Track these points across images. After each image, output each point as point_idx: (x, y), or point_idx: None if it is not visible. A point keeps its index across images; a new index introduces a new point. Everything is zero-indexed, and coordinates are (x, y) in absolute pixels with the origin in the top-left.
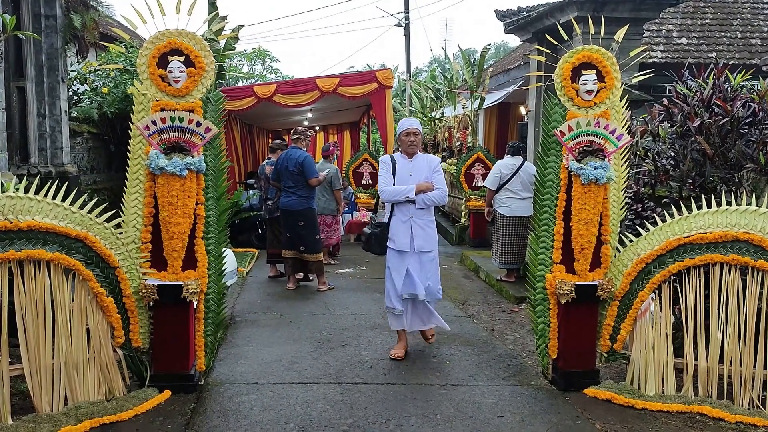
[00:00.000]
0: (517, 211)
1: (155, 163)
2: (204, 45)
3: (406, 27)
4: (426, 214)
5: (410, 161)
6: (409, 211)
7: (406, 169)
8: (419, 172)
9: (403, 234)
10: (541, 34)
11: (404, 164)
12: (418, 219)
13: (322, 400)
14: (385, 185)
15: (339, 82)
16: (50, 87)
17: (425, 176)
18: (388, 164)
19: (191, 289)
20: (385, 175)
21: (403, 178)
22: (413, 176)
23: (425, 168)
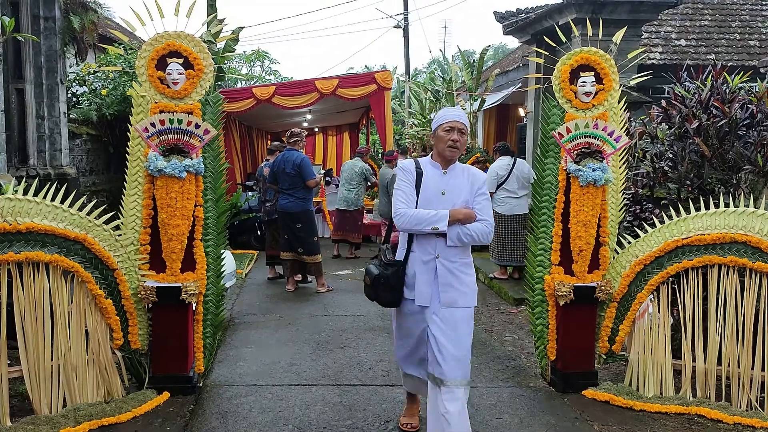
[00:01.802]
0: (514, 209)
1: (154, 165)
2: (203, 47)
3: (405, 29)
4: (461, 254)
5: (444, 172)
6: (435, 247)
7: (438, 184)
8: (456, 191)
9: (424, 280)
10: (539, 35)
11: (435, 176)
12: (449, 260)
13: (320, 402)
14: (404, 205)
15: (338, 83)
16: (49, 89)
17: (464, 199)
18: (410, 173)
19: (190, 290)
20: (405, 190)
21: (431, 196)
22: (447, 196)
23: (465, 186)
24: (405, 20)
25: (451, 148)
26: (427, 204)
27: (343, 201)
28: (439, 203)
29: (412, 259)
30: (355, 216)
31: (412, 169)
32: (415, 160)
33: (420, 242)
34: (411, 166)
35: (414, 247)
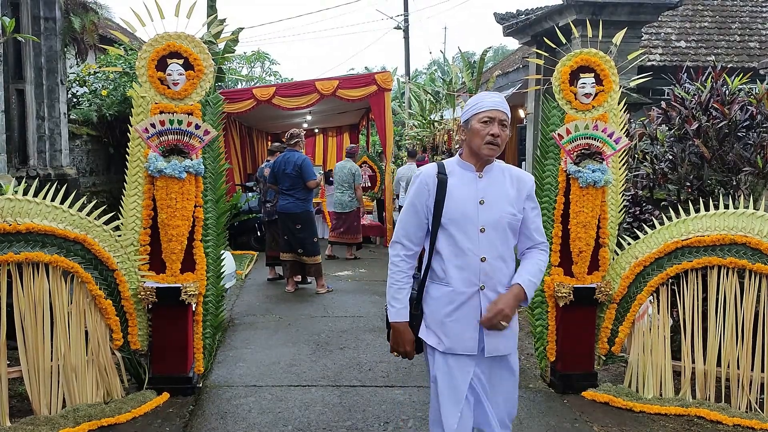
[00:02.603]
0: None
1: (154, 165)
2: (203, 48)
3: (405, 30)
4: (509, 277)
5: (480, 176)
6: (478, 273)
7: (473, 191)
8: (497, 199)
9: (461, 323)
10: (539, 37)
11: (468, 181)
12: (496, 292)
13: (320, 403)
14: (399, 244)
15: (338, 84)
16: (49, 89)
17: (507, 211)
18: (424, 186)
19: (190, 291)
20: (406, 218)
21: (465, 209)
22: (487, 206)
23: (508, 191)
24: (405, 21)
25: (490, 145)
26: (462, 221)
27: (338, 204)
28: (477, 216)
29: (435, 291)
30: (351, 218)
31: (429, 179)
32: (439, 164)
33: (456, 264)
34: (430, 173)
35: (442, 271)
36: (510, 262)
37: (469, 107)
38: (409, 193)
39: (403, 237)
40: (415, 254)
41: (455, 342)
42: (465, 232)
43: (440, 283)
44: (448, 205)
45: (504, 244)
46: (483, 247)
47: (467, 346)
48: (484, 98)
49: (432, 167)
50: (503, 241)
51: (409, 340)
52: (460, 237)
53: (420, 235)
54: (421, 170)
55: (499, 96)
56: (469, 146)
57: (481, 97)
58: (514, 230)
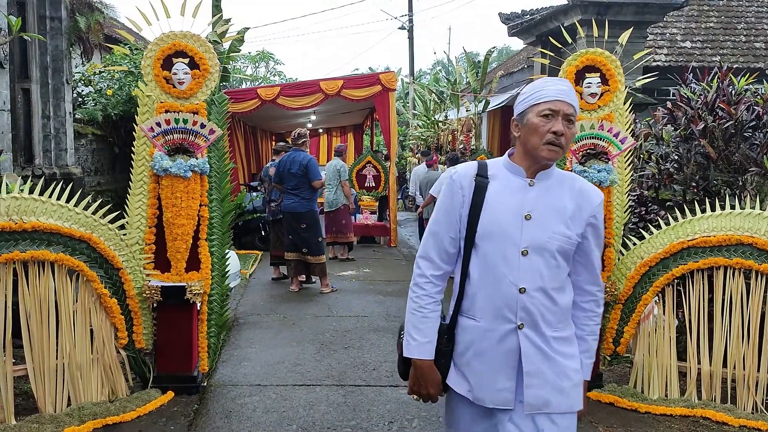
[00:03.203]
0: None
1: (159, 164)
2: (208, 47)
3: (409, 30)
4: (560, 318)
5: (531, 183)
6: (516, 307)
7: (519, 201)
8: (550, 215)
9: (491, 368)
10: (544, 37)
11: (514, 188)
12: (539, 332)
13: (324, 402)
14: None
15: (342, 84)
16: (55, 89)
17: (561, 231)
18: (459, 189)
19: (194, 290)
20: (436, 228)
21: (505, 224)
22: (535, 222)
23: (566, 206)
24: (410, 22)
25: (551, 146)
26: (500, 238)
27: (327, 203)
28: (519, 234)
29: (465, 326)
30: (339, 215)
31: (465, 180)
32: (481, 163)
33: (484, 293)
34: (466, 173)
35: (470, 300)
36: (561, 295)
37: (526, 96)
38: (439, 197)
39: (431, 252)
40: (446, 275)
41: (483, 391)
42: (502, 254)
43: (469, 316)
44: (484, 216)
45: (551, 273)
46: (523, 274)
47: (499, 397)
48: (545, 86)
49: (470, 167)
50: (551, 269)
51: (435, 381)
52: (494, 259)
53: (452, 251)
54: (456, 169)
55: (564, 83)
56: (524, 145)
57: (541, 84)
58: (566, 257)
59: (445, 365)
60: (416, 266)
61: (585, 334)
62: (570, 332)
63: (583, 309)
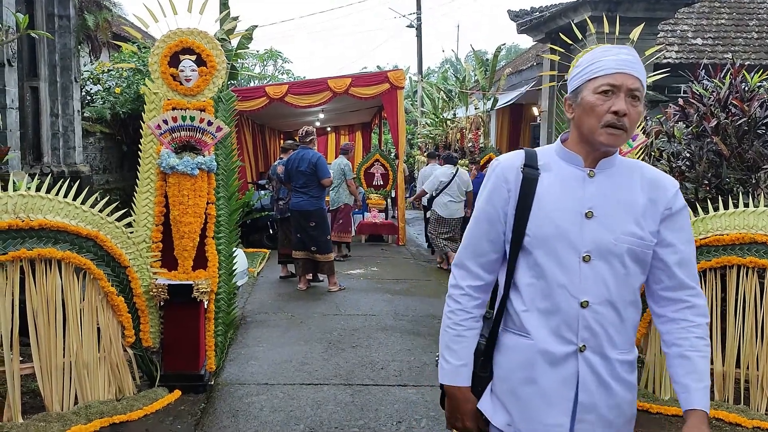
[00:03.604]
0: (455, 213)
1: (166, 162)
2: (216, 44)
3: (417, 28)
4: (626, 336)
5: (590, 174)
6: (577, 324)
7: (578, 197)
8: (617, 211)
9: (543, 398)
10: (554, 34)
11: (570, 182)
12: (603, 354)
13: (332, 402)
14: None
15: (351, 82)
16: (63, 87)
17: (630, 231)
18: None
19: (202, 288)
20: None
21: (562, 223)
22: (597, 221)
23: (636, 201)
24: (418, 20)
25: (611, 129)
26: (556, 241)
27: (331, 201)
28: (580, 236)
29: (514, 348)
30: (338, 215)
31: (510, 173)
32: (529, 152)
33: (538, 308)
34: (512, 164)
35: (520, 316)
36: (630, 311)
37: (580, 69)
38: (480, 194)
39: (470, 259)
40: (487, 286)
41: (532, 424)
42: (559, 260)
43: (516, 332)
44: (535, 215)
45: (621, 282)
46: (586, 285)
47: (544, 427)
48: (603, 55)
49: (515, 156)
50: (620, 278)
51: (470, 412)
52: (550, 267)
53: (494, 256)
54: (499, 160)
55: (628, 51)
56: (578, 129)
57: (598, 53)
58: (640, 262)
59: (481, 392)
60: (451, 276)
61: (685, 350)
62: (634, 355)
63: (675, 320)
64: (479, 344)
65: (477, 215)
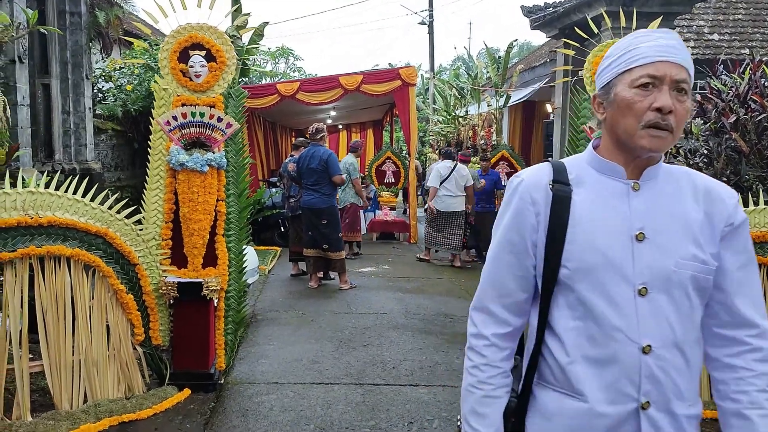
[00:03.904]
0: (450, 207)
1: (176, 158)
2: (226, 39)
3: (429, 25)
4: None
5: (635, 187)
6: (637, 376)
7: (620, 218)
8: (670, 234)
9: None
10: (567, 30)
11: (612, 198)
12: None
13: (342, 401)
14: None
15: (362, 79)
16: (75, 84)
17: (692, 258)
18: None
19: (211, 286)
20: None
21: (605, 250)
22: (651, 243)
23: (692, 219)
24: (430, 17)
25: (655, 131)
26: (603, 272)
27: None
28: (632, 264)
29: (557, 409)
30: (344, 215)
31: (537, 192)
32: (557, 164)
33: (586, 357)
34: (538, 181)
35: (562, 368)
36: (696, 352)
37: (612, 60)
38: (499, 219)
39: (493, 300)
40: (515, 332)
41: None
42: (608, 296)
43: (559, 389)
44: (573, 241)
45: (686, 318)
46: (646, 324)
47: None
48: (641, 41)
49: (540, 171)
50: (684, 313)
51: None
52: (598, 305)
53: (523, 296)
54: (520, 176)
55: (669, 35)
56: (613, 132)
57: (633, 40)
58: (702, 292)
59: None
60: (470, 322)
61: (743, 407)
62: (700, 409)
63: (732, 367)
64: (509, 401)
65: (497, 247)
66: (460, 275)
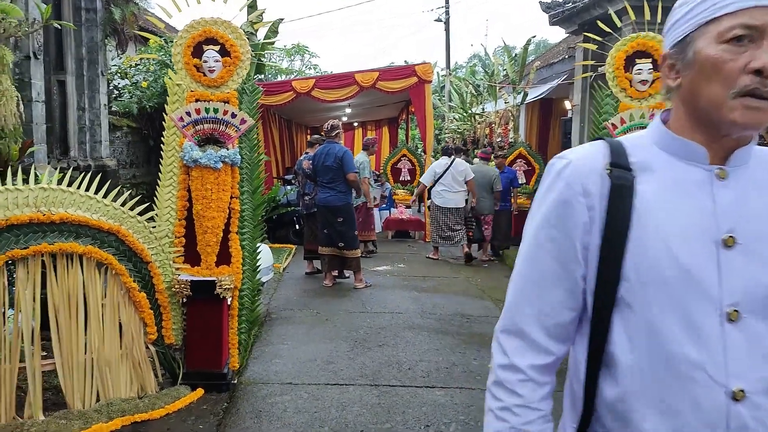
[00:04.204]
0: (449, 202)
1: (189, 155)
2: (240, 33)
3: (446, 22)
4: None
5: (720, 174)
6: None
7: (701, 215)
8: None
9: None
10: (587, 25)
11: (689, 189)
12: None
13: (358, 403)
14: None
15: (378, 76)
16: (90, 80)
17: None
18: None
19: (225, 285)
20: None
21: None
22: (742, 252)
23: None
24: (446, 13)
25: (752, 99)
26: (677, 287)
27: None
28: (717, 279)
29: None
30: (358, 213)
31: (588, 179)
32: (615, 145)
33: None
34: (590, 166)
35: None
36: None
37: (691, 6)
38: (534, 213)
39: (530, 320)
40: (556, 363)
41: None
42: (686, 321)
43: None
44: (638, 246)
45: None
46: (736, 361)
47: None
48: None
49: (595, 151)
50: None
51: None
52: (671, 333)
53: (570, 316)
54: (567, 157)
55: None
56: (691, 103)
57: None
58: None
59: None
60: (497, 349)
61: None
62: None
63: None
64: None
65: (535, 250)
66: (477, 274)
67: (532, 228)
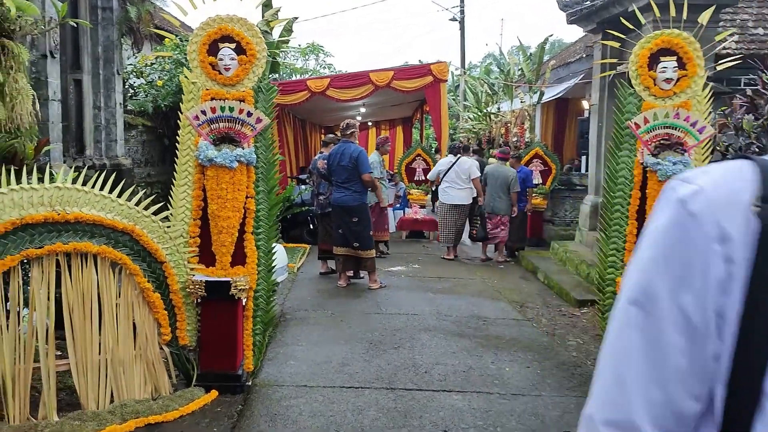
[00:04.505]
0: (454, 199)
1: (204, 154)
2: (256, 31)
3: (461, 21)
4: None
5: None
6: None
7: None
8: None
9: None
10: (606, 23)
11: None
12: None
13: (374, 407)
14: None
15: (393, 75)
16: (106, 79)
17: None
18: (711, 244)
19: (240, 285)
20: (649, 323)
21: None
22: None
23: None
24: (461, 12)
25: None
26: None
27: None
28: None
29: None
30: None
31: (729, 218)
32: (763, 163)
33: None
34: (733, 202)
35: None
36: None
37: None
38: (640, 255)
39: (643, 411)
40: None
41: None
42: None
43: None
44: None
45: None
46: None
47: None
48: None
49: (736, 178)
50: None
51: None
52: None
53: (695, 407)
54: (693, 183)
55: None
56: None
57: None
58: None
59: None
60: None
61: None
62: None
63: None
64: None
65: (639, 323)
66: (492, 275)
67: (634, 284)
